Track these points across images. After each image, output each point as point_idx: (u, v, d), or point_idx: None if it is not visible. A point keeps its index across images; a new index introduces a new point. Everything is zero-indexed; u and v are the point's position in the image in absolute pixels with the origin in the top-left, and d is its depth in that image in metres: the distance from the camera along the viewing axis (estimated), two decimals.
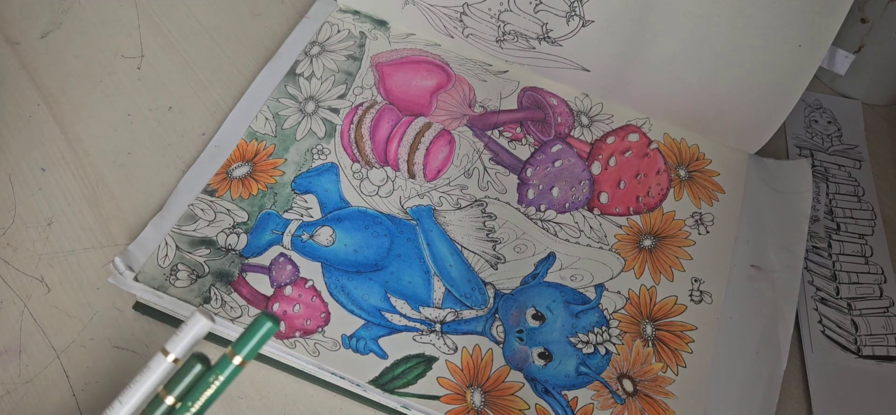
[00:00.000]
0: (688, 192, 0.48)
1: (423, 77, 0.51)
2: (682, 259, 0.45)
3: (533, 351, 0.41)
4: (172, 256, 0.41)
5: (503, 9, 0.49)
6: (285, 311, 0.40)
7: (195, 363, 0.31)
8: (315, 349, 0.39)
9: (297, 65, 0.51)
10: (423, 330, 0.41)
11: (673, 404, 0.40)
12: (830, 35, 0.44)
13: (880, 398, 0.43)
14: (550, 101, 0.51)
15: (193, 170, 0.45)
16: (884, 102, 0.58)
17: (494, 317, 0.42)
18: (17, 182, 0.46)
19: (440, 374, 0.39)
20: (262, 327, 0.31)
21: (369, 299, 0.41)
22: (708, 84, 0.48)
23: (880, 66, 0.55)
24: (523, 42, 0.50)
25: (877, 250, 0.49)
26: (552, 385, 0.40)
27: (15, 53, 0.51)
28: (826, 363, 0.44)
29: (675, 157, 0.50)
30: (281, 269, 0.42)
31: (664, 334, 0.42)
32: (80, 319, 0.41)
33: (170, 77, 0.51)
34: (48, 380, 0.39)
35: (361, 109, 0.49)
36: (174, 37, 0.53)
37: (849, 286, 0.47)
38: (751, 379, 0.41)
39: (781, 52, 0.46)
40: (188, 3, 0.55)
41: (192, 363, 0.31)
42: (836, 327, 0.45)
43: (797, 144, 0.54)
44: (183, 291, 0.40)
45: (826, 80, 0.58)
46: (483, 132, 0.49)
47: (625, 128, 0.51)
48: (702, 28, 0.46)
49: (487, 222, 0.45)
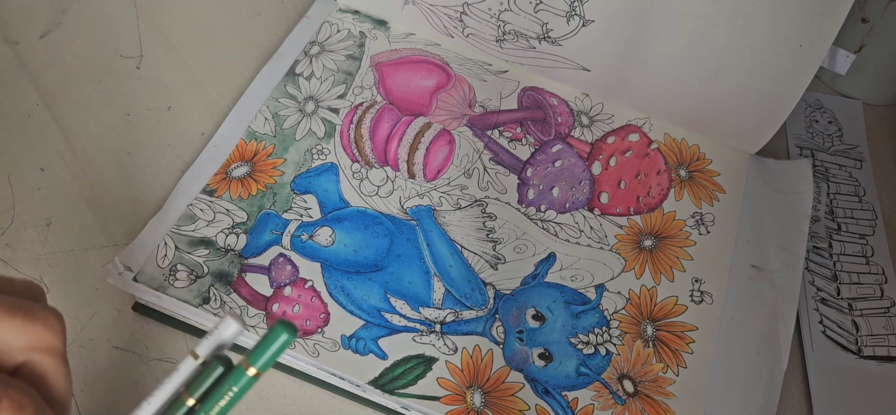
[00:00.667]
0: (688, 192, 0.48)
1: (423, 77, 0.51)
2: (683, 259, 0.45)
3: (533, 352, 0.41)
4: (172, 257, 0.41)
5: (503, 8, 0.49)
6: (284, 311, 0.40)
7: (217, 366, 0.31)
8: (315, 350, 0.39)
9: (296, 65, 0.50)
10: (423, 330, 0.40)
11: (673, 404, 0.40)
12: (831, 35, 0.44)
13: (881, 399, 0.43)
14: (550, 100, 0.51)
15: (192, 170, 0.45)
16: (884, 102, 0.57)
17: (494, 317, 0.42)
18: (15, 182, 0.46)
19: (440, 374, 0.39)
20: (278, 338, 0.30)
21: (369, 300, 0.41)
22: (708, 84, 0.48)
23: (881, 65, 0.55)
24: (523, 42, 0.50)
25: (877, 251, 0.49)
26: (552, 386, 0.40)
27: (14, 53, 0.51)
28: (827, 364, 0.44)
29: (675, 157, 0.50)
30: (280, 269, 0.42)
31: (664, 335, 0.42)
32: (79, 319, 0.41)
33: (169, 77, 0.51)
34: None
35: (361, 108, 0.49)
36: (173, 37, 0.53)
37: (849, 286, 0.47)
38: (751, 379, 0.41)
39: (782, 52, 0.46)
40: (188, 3, 0.55)
41: (214, 366, 0.31)
42: (837, 327, 0.45)
43: (798, 144, 0.54)
44: (182, 292, 0.40)
45: (827, 79, 0.58)
46: (483, 132, 0.49)
47: (625, 128, 0.51)
48: (702, 28, 0.46)
49: (487, 223, 0.45)
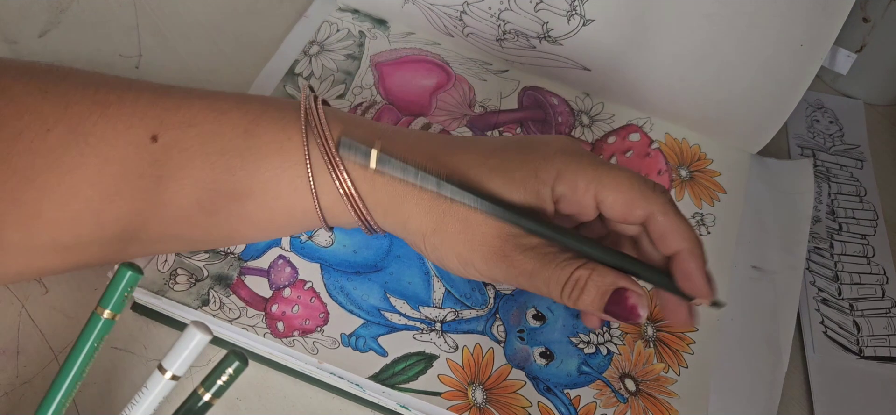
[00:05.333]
0: (689, 192, 0.48)
1: (423, 76, 0.51)
2: None
3: (534, 351, 0.41)
4: (171, 261, 0.41)
5: (503, 8, 0.49)
6: (284, 312, 0.40)
7: (233, 360, 0.32)
8: (314, 347, 0.39)
9: (296, 64, 0.50)
10: (424, 329, 0.40)
11: (676, 403, 0.40)
12: (832, 35, 0.44)
13: (882, 399, 0.43)
14: (551, 100, 0.51)
15: None
16: (886, 102, 0.57)
17: (495, 317, 0.41)
18: None
19: (441, 371, 0.39)
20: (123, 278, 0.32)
21: (369, 300, 0.41)
22: (709, 84, 0.48)
23: (882, 65, 0.55)
24: (524, 41, 0.50)
25: (879, 251, 0.49)
26: (554, 384, 0.40)
27: (13, 53, 0.51)
28: (828, 364, 0.44)
29: (676, 157, 0.50)
30: (280, 271, 0.41)
31: (665, 335, 0.42)
32: (78, 319, 0.41)
33: (168, 77, 0.51)
34: (46, 381, 0.39)
35: (361, 108, 0.49)
36: (173, 36, 0.53)
37: (851, 287, 0.47)
38: (752, 380, 0.41)
39: (783, 52, 0.45)
40: (187, 3, 0.55)
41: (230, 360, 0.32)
42: (838, 327, 0.45)
43: (799, 144, 0.54)
44: (181, 295, 0.39)
45: (828, 79, 0.58)
46: (483, 133, 0.49)
47: (626, 128, 0.51)
48: (703, 28, 0.46)
49: None
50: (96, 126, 0.34)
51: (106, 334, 0.32)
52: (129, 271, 0.32)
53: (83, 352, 0.32)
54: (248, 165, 0.36)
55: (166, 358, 0.33)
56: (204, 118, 0.36)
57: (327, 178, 0.36)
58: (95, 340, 0.32)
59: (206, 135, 0.36)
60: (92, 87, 0.35)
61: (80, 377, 0.32)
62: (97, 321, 0.32)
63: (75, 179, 0.34)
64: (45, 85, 0.34)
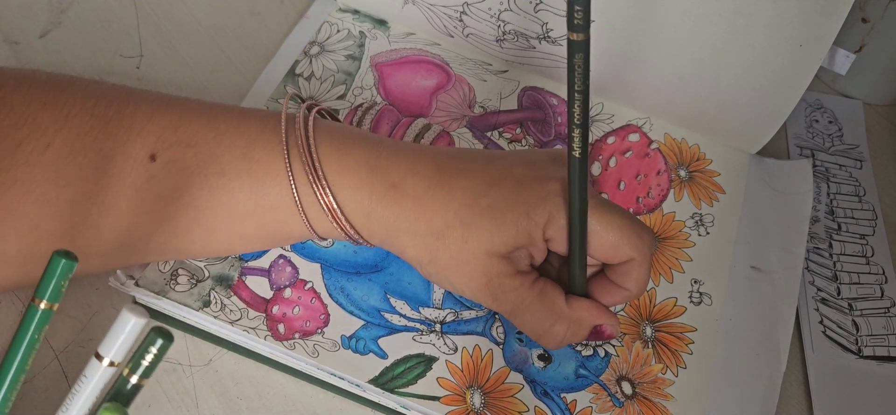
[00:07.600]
0: (688, 192, 0.48)
1: (423, 77, 0.51)
2: (682, 260, 0.45)
3: (532, 353, 0.41)
4: (172, 261, 0.41)
5: (503, 8, 0.49)
6: (285, 313, 0.40)
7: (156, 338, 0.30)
8: (314, 350, 0.39)
9: (296, 65, 0.50)
10: (423, 330, 0.41)
11: (672, 406, 0.40)
12: (831, 35, 0.44)
13: (881, 399, 0.43)
14: (551, 100, 0.51)
15: None
16: (885, 102, 0.57)
17: (494, 318, 0.42)
18: None
19: (440, 374, 0.39)
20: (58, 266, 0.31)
21: (369, 300, 0.41)
22: (709, 84, 0.48)
23: (881, 65, 0.55)
24: (523, 41, 0.50)
25: (878, 251, 0.49)
26: (551, 387, 0.40)
27: (14, 53, 0.51)
28: (827, 364, 0.44)
29: (675, 157, 0.50)
30: (280, 271, 0.42)
31: (664, 336, 0.42)
32: (78, 319, 0.41)
33: (169, 77, 0.51)
34: (47, 380, 0.39)
35: (361, 109, 0.49)
36: (173, 37, 0.53)
37: (850, 287, 0.47)
38: (751, 380, 0.41)
39: (782, 52, 0.45)
40: (187, 3, 0.55)
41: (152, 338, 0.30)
42: (837, 327, 0.45)
43: (798, 144, 0.54)
44: (183, 296, 0.40)
45: (827, 79, 0.58)
46: (483, 133, 0.49)
47: (625, 128, 0.51)
48: (703, 28, 0.46)
49: None
50: (96, 140, 0.35)
51: (45, 324, 0.32)
52: (62, 260, 0.30)
53: (23, 345, 0.31)
54: (246, 187, 0.37)
55: (102, 345, 0.32)
56: (202, 138, 0.37)
57: None
58: (35, 331, 0.32)
59: (204, 157, 0.36)
60: (91, 98, 0.36)
61: (22, 371, 0.32)
62: (35, 312, 0.31)
63: (74, 192, 0.34)
64: (45, 96, 0.35)
